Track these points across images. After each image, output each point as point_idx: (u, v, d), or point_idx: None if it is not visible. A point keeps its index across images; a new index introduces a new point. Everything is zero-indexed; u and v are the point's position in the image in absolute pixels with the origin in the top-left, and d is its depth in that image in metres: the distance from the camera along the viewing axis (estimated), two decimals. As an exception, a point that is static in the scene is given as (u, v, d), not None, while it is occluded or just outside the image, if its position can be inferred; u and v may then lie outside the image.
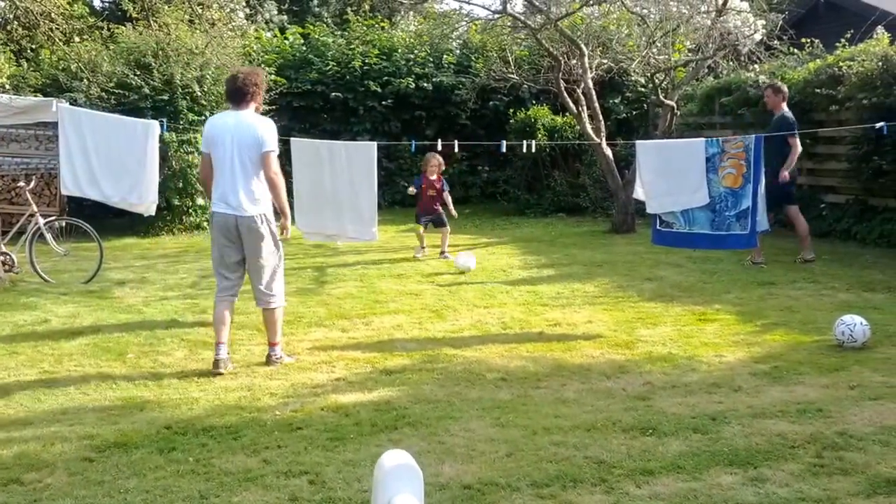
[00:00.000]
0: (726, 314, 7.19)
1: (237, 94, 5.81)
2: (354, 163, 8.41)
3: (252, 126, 5.70)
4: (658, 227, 7.38)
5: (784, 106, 9.49)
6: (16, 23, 11.50)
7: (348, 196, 8.36)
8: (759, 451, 4.18)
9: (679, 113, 13.56)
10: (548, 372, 5.64)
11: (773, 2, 14.05)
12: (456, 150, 9.55)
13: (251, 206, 5.69)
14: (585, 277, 9.00)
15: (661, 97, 12.67)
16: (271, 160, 5.70)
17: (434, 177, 10.48)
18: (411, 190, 10.78)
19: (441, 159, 10.60)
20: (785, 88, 9.72)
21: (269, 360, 5.94)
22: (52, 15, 10.80)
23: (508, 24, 14.48)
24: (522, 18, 13.80)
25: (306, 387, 5.41)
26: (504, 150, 9.68)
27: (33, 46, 13.79)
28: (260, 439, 4.46)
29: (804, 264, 9.24)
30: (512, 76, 14.29)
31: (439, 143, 9.55)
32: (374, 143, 8.55)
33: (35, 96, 12.68)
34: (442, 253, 10.35)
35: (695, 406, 4.87)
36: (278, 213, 5.92)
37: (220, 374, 5.65)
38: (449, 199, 10.58)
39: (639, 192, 8.09)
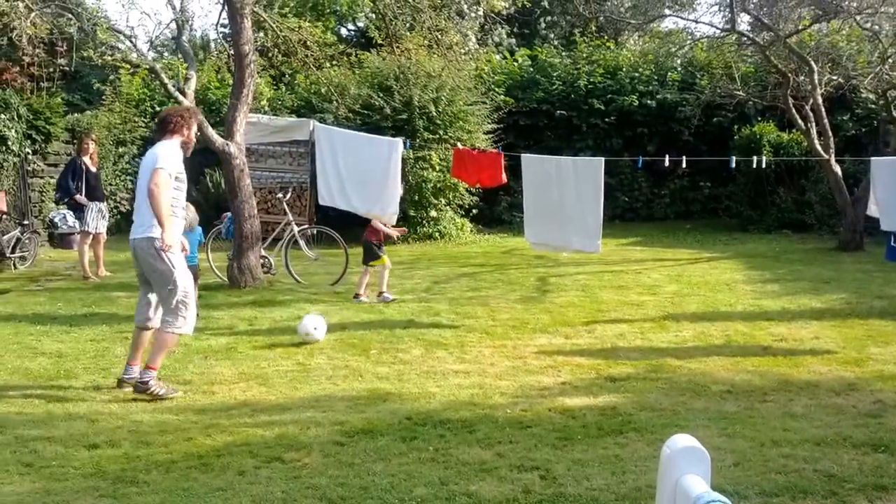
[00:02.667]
0: (970, 337, 6.73)
1: (159, 126, 5.83)
2: (581, 177, 8.59)
3: (153, 152, 5.62)
4: (892, 243, 7.11)
5: None
6: (275, 50, 12.74)
7: (575, 209, 8.54)
8: None
9: (912, 130, 12.74)
10: (774, 386, 5.56)
11: None
12: (684, 165, 9.54)
13: (142, 229, 5.58)
14: (812, 294, 8.69)
15: (893, 114, 12.00)
16: (157, 175, 5.46)
17: None
18: None
19: None
20: None
21: (135, 386, 5.56)
22: (308, 43, 11.87)
23: (735, 41, 14.19)
24: (750, 35, 13.49)
25: (534, 388, 5.66)
26: (733, 165, 9.54)
27: (289, 72, 15.28)
28: (493, 434, 4.73)
29: None
30: (738, 92, 13.98)
31: (667, 159, 9.57)
32: (602, 159, 8.73)
33: (291, 117, 14.01)
34: None
35: (932, 427, 4.66)
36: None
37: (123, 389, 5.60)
38: None
39: (872, 209, 7.77)
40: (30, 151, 12.65)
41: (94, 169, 10.67)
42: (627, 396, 5.42)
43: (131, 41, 10.75)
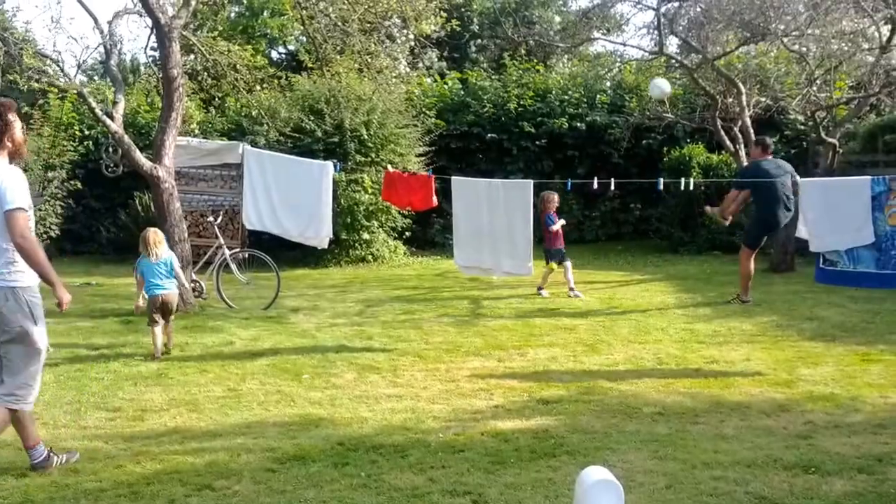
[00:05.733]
0: (891, 355, 6.99)
1: None
2: (511, 200, 8.66)
3: None
4: (822, 265, 7.32)
5: None
6: (205, 73, 12.62)
7: (505, 232, 8.60)
8: (927, 494, 4.10)
9: (841, 151, 13.14)
10: (706, 408, 5.67)
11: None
12: (612, 187, 9.72)
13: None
14: (743, 316, 8.91)
15: (822, 135, 12.36)
16: (17, 220, 4.34)
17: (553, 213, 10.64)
18: (558, 226, 10.76)
19: (557, 196, 10.85)
20: None
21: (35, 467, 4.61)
22: (237, 66, 11.79)
23: (663, 63, 14.51)
24: (679, 58, 13.83)
25: (467, 412, 5.68)
26: (661, 187, 9.76)
27: (220, 95, 15.13)
28: (425, 459, 4.74)
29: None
30: (667, 115, 14.28)
31: (595, 181, 9.73)
32: (531, 181, 8.83)
33: (221, 140, 13.87)
34: (571, 289, 10.41)
35: (859, 446, 4.81)
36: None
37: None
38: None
39: (802, 231, 7.99)
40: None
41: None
42: (560, 419, 5.47)
43: (59, 66, 10.54)
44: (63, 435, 5.23)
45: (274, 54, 23.61)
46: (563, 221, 10.83)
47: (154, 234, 7.66)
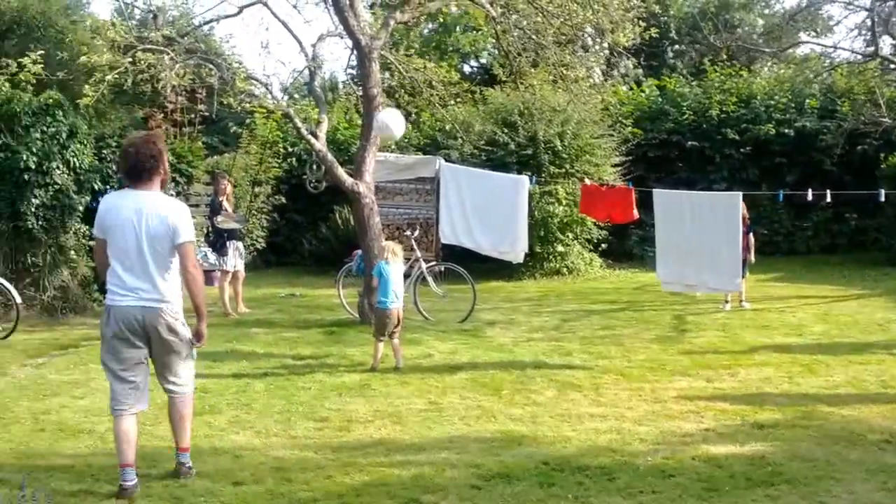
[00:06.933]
0: None
1: (133, 172, 4.72)
2: (718, 213, 8.28)
3: (159, 212, 4.65)
4: None
5: None
6: (402, 90, 12.95)
7: (710, 246, 8.22)
8: None
9: None
10: (941, 437, 5.14)
11: None
12: (828, 199, 9.06)
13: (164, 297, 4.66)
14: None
15: None
16: (188, 252, 4.68)
17: None
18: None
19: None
20: None
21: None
22: (433, 82, 12.02)
23: (878, 65, 13.49)
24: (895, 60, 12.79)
25: (675, 435, 5.43)
26: (882, 198, 9.00)
27: (415, 110, 15.52)
28: (634, 483, 4.56)
29: None
30: (884, 119, 13.24)
31: (809, 193, 9.11)
32: (739, 194, 8.38)
33: (417, 154, 14.20)
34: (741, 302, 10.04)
35: None
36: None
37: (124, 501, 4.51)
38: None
39: None
40: (174, 193, 13.28)
41: (230, 208, 11.08)
42: (776, 445, 5.13)
43: (267, 88, 11.16)
44: (274, 444, 5.42)
45: (466, 68, 23.99)
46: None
47: (396, 247, 8.02)
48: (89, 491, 4.56)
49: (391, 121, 5.54)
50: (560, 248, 13.77)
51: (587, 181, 9.35)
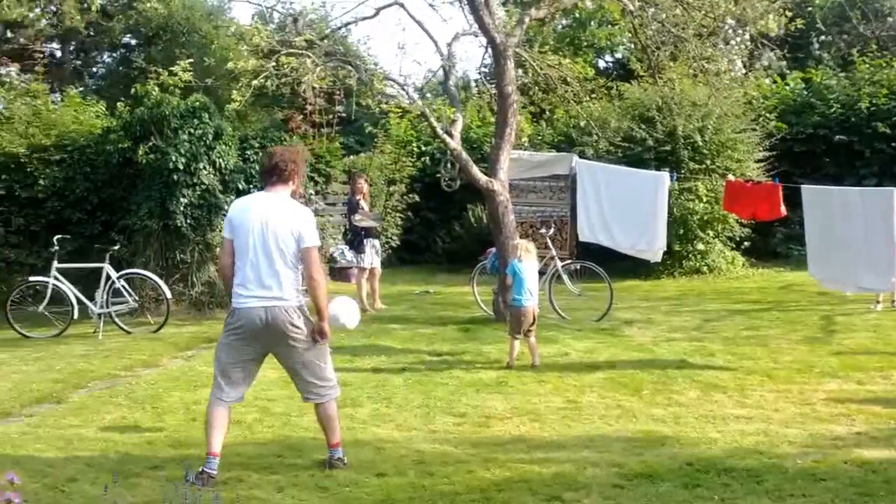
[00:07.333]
0: None
1: (272, 171, 4.93)
2: (870, 210, 7.86)
3: (286, 215, 4.83)
4: None
5: None
6: (536, 87, 12.92)
7: (863, 244, 7.82)
8: None
9: None
10: None
11: None
12: None
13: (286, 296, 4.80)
14: None
15: None
16: (313, 257, 4.85)
17: None
18: None
19: None
20: None
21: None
22: (568, 79, 11.93)
23: None
24: None
25: (825, 438, 5.23)
26: None
27: (549, 108, 15.44)
28: (783, 486, 4.42)
29: None
30: None
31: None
32: (893, 189, 7.92)
33: (551, 152, 14.14)
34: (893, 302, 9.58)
35: None
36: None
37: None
38: None
39: None
40: (312, 192, 13.75)
41: (367, 207, 11.37)
42: (937, 452, 4.83)
43: (404, 89, 11.38)
44: (415, 437, 5.53)
45: (601, 63, 23.65)
46: None
47: (529, 245, 8.09)
48: (238, 479, 4.78)
49: (342, 312, 5.43)
50: (700, 247, 13.39)
51: (731, 177, 9.04)
